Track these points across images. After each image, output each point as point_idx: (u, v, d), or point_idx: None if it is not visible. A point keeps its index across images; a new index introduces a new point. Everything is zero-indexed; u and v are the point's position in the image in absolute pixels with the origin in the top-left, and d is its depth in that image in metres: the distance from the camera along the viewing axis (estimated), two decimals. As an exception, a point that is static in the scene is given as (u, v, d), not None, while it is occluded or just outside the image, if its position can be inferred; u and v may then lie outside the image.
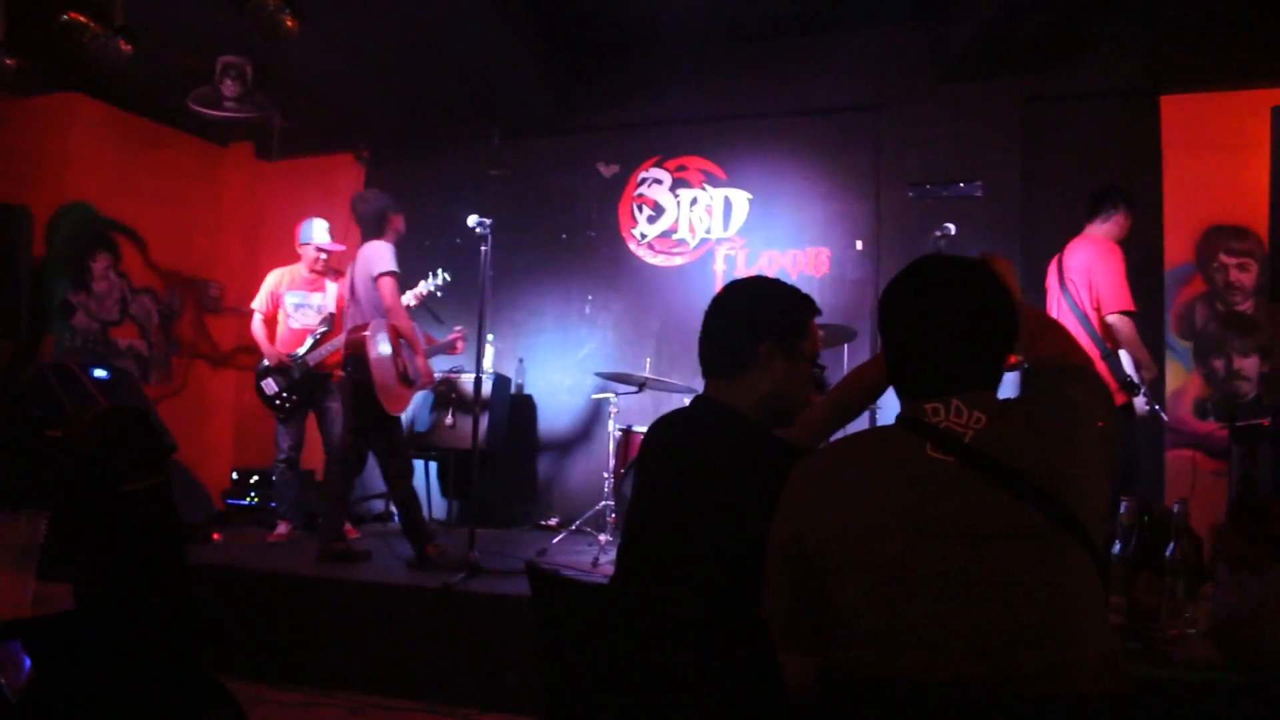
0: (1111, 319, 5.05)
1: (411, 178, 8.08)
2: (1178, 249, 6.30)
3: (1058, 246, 5.40)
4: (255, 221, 8.42)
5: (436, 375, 6.77)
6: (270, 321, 6.49)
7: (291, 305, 6.47)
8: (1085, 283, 5.12)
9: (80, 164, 7.01)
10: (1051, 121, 6.66)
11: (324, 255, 6.47)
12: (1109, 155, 6.48)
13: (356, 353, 5.40)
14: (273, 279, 6.53)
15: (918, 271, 1.83)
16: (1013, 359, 2.55)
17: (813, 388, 2.36)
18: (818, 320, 2.32)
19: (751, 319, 2.23)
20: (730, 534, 2.01)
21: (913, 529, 1.59)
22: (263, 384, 6.36)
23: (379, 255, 5.46)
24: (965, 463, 1.61)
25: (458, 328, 6.32)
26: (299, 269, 6.55)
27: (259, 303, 6.48)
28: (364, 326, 5.45)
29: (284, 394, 6.29)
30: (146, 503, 2.30)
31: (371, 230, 5.57)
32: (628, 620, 2.08)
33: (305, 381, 6.26)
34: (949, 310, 1.75)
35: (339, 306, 6.27)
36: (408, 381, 5.53)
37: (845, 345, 6.16)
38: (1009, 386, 2.43)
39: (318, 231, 6.49)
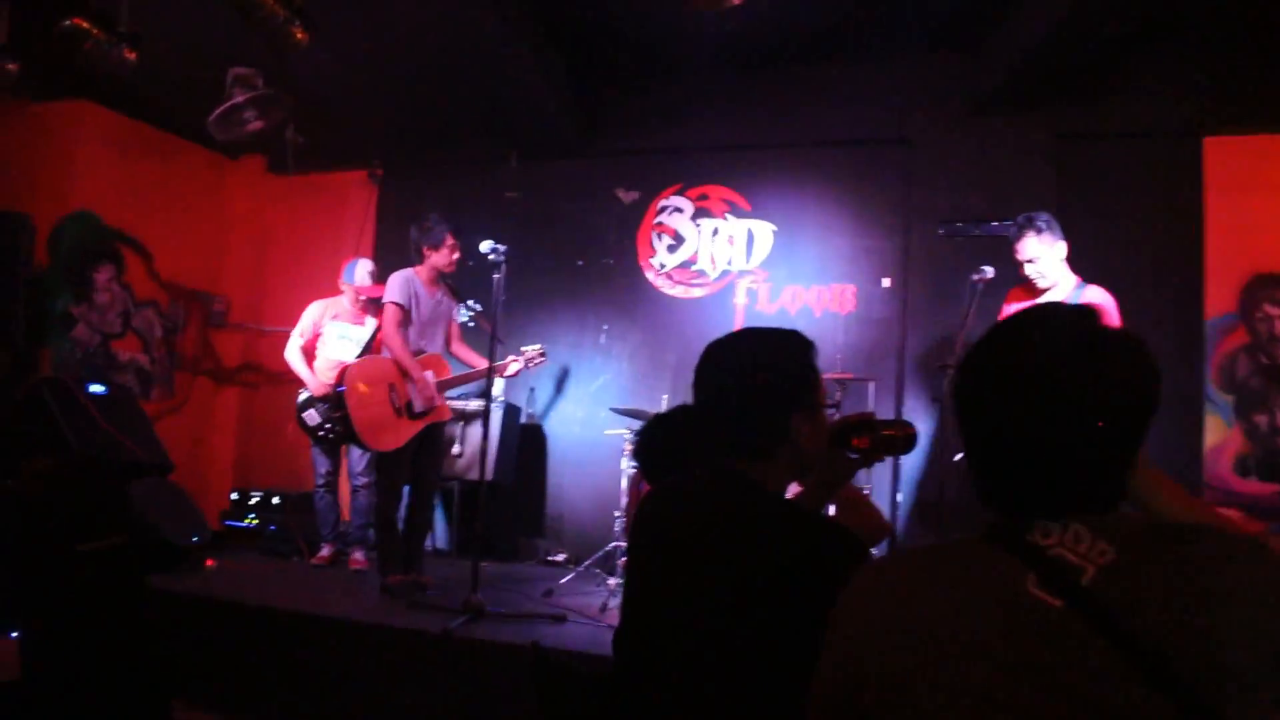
0: None
1: (425, 197, 7.85)
2: (1220, 298, 6.04)
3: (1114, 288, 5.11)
4: (264, 236, 8.22)
5: (456, 404, 6.61)
6: (308, 351, 6.45)
7: (334, 336, 6.44)
8: None
9: (85, 172, 6.82)
10: (1088, 160, 6.41)
11: (363, 297, 6.46)
12: (1148, 197, 6.24)
13: (336, 390, 5.42)
14: (316, 309, 6.52)
15: (1033, 329, 1.36)
16: (864, 442, 2.26)
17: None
18: (841, 368, 2.10)
19: (783, 392, 1.99)
20: (779, 640, 1.74)
21: (995, 695, 1.18)
22: (304, 415, 6.32)
23: (388, 284, 5.48)
24: (1077, 612, 1.17)
25: (523, 351, 5.95)
26: (343, 302, 6.56)
27: (300, 330, 6.45)
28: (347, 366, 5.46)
29: (327, 425, 6.23)
30: (103, 563, 2.07)
31: (411, 258, 5.60)
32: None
33: None
34: (1089, 393, 1.27)
35: (377, 341, 6.15)
36: (410, 414, 5.33)
37: (871, 384, 5.92)
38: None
39: (359, 274, 6.51)
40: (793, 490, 2.21)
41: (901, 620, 1.29)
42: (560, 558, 7.20)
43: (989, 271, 4.86)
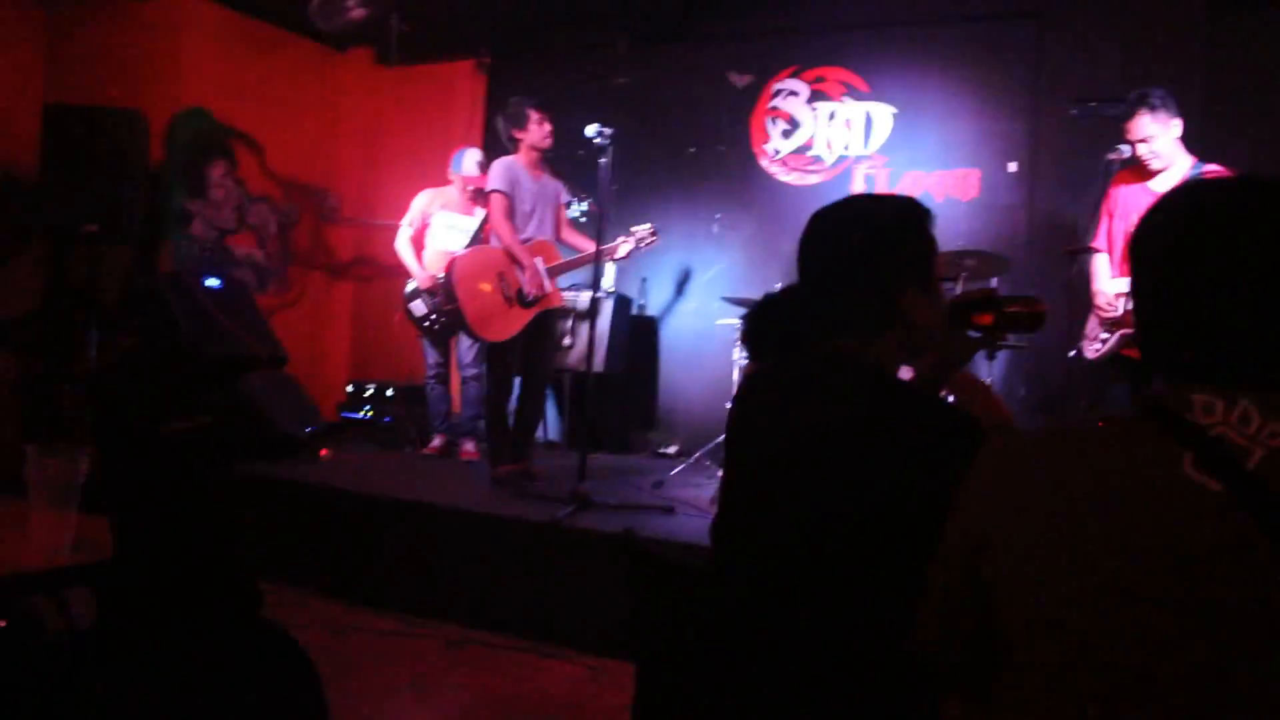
0: None
1: (534, 85, 7.66)
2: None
3: (1240, 167, 4.72)
4: (373, 130, 8.17)
5: (568, 295, 6.55)
6: (417, 241, 6.42)
7: (442, 226, 6.38)
8: None
9: (194, 69, 6.81)
10: (1242, 34, 5.86)
11: (472, 187, 6.36)
12: None
13: (446, 281, 5.39)
14: (424, 199, 6.46)
15: (1228, 191, 1.24)
16: (987, 319, 2.06)
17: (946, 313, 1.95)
18: (966, 247, 1.91)
19: (892, 264, 1.80)
20: (889, 535, 1.60)
21: (1136, 584, 1.06)
22: (411, 305, 6.33)
23: (490, 172, 5.41)
24: (1240, 499, 1.04)
25: (633, 231, 5.75)
26: (451, 192, 6.48)
27: (409, 220, 6.42)
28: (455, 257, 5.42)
29: (434, 315, 6.20)
30: (187, 446, 2.04)
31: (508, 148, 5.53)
32: (742, 626, 1.73)
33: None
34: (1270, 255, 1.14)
35: (486, 230, 6.09)
36: (523, 302, 5.27)
37: (995, 279, 5.63)
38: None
39: (467, 163, 6.42)
40: (906, 373, 2.04)
41: (1035, 494, 1.17)
42: (672, 450, 7.15)
43: (1126, 151, 4.52)
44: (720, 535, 1.91)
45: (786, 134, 7.10)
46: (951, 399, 2.05)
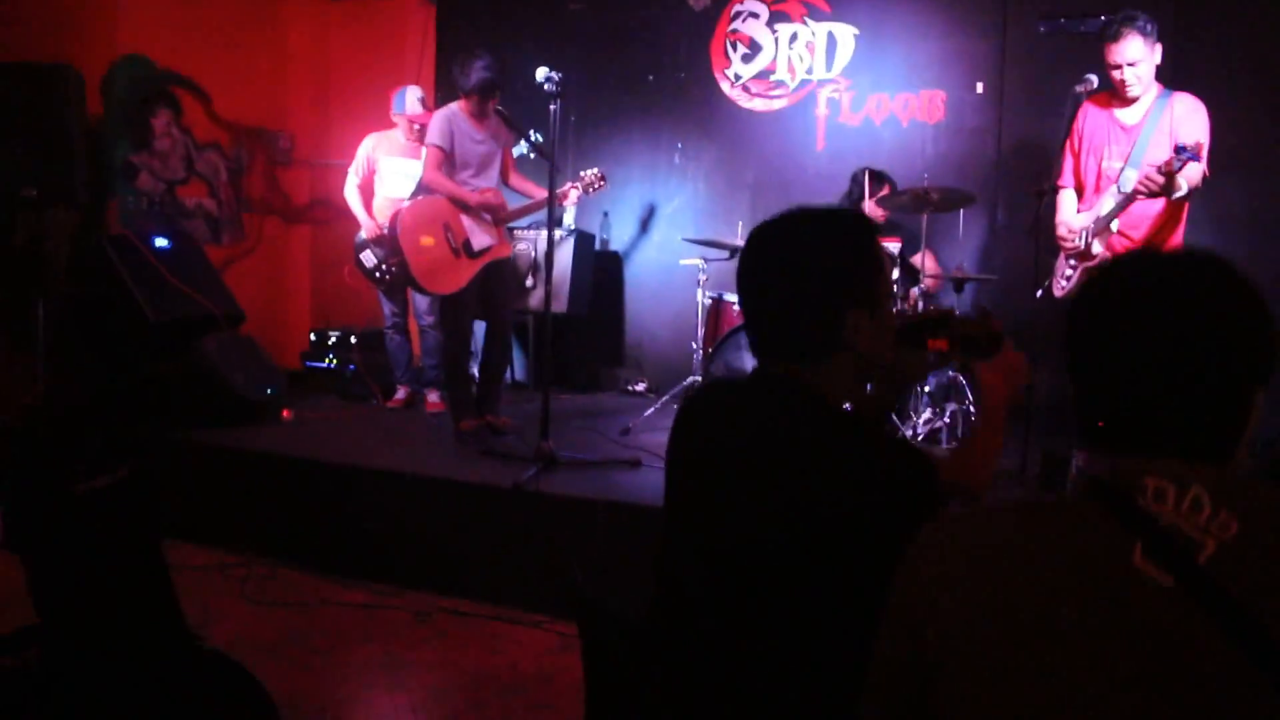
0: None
1: (484, 15, 7.49)
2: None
3: (1210, 97, 4.56)
4: (323, 68, 7.91)
5: (520, 241, 6.44)
6: (365, 188, 6.26)
7: (390, 171, 6.21)
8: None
9: (130, 14, 6.51)
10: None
11: (417, 126, 6.12)
12: None
13: (390, 235, 5.29)
14: (369, 144, 6.28)
15: (1150, 268, 1.22)
16: (942, 343, 1.98)
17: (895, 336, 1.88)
18: (930, 182, 1.82)
19: (836, 284, 1.70)
20: (828, 572, 1.56)
21: (1081, 680, 1.02)
22: (361, 256, 6.22)
23: (430, 125, 5.28)
24: (1193, 596, 1.01)
25: (581, 176, 5.52)
26: (396, 135, 6.29)
27: (355, 168, 6.25)
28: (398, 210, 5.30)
29: (384, 266, 6.10)
30: (108, 501, 1.94)
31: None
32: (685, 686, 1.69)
33: None
34: (1210, 323, 1.14)
35: None
36: (470, 253, 5.16)
37: (961, 211, 5.53)
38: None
39: (409, 101, 6.20)
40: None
41: (978, 579, 1.13)
42: (640, 387, 7.12)
43: (1094, 80, 4.39)
44: (660, 569, 1.85)
45: (747, 59, 6.90)
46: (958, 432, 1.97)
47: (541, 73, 4.79)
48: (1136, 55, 4.22)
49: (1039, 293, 4.65)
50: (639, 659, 1.76)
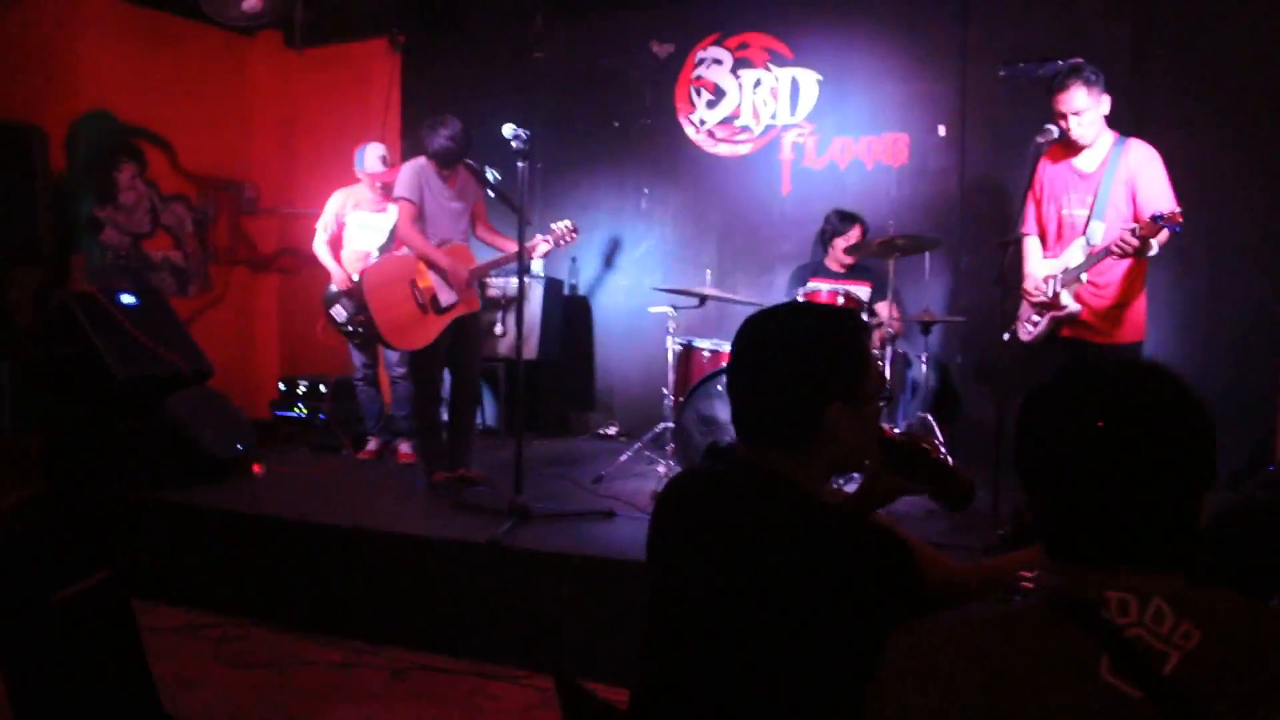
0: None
1: (451, 64, 7.52)
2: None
3: (1169, 139, 4.66)
4: (288, 116, 7.92)
5: (490, 287, 6.45)
6: (335, 244, 6.26)
7: (356, 226, 6.24)
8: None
9: (93, 69, 6.50)
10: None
11: (379, 184, 6.16)
12: (1237, 39, 5.48)
13: (357, 292, 5.30)
14: (336, 201, 6.29)
15: (1099, 385, 1.25)
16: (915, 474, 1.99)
17: (880, 426, 1.90)
18: (895, 225, 1.83)
19: (815, 378, 1.72)
20: (801, 658, 1.57)
21: None
22: (332, 311, 6.19)
23: (398, 177, 5.21)
24: (1160, 708, 1.04)
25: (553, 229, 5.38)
26: (361, 189, 6.30)
27: (323, 224, 6.26)
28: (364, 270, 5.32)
29: (354, 321, 6.09)
30: (84, 607, 1.92)
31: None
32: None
33: None
34: (1165, 439, 1.17)
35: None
36: (437, 309, 5.16)
37: (926, 254, 5.59)
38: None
39: (369, 159, 6.21)
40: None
41: (945, 690, 1.14)
42: (612, 430, 7.11)
43: (1054, 131, 4.45)
44: (645, 656, 1.85)
45: (711, 104, 6.96)
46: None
47: (509, 129, 4.80)
48: (1082, 105, 4.33)
49: (1006, 336, 4.70)
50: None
